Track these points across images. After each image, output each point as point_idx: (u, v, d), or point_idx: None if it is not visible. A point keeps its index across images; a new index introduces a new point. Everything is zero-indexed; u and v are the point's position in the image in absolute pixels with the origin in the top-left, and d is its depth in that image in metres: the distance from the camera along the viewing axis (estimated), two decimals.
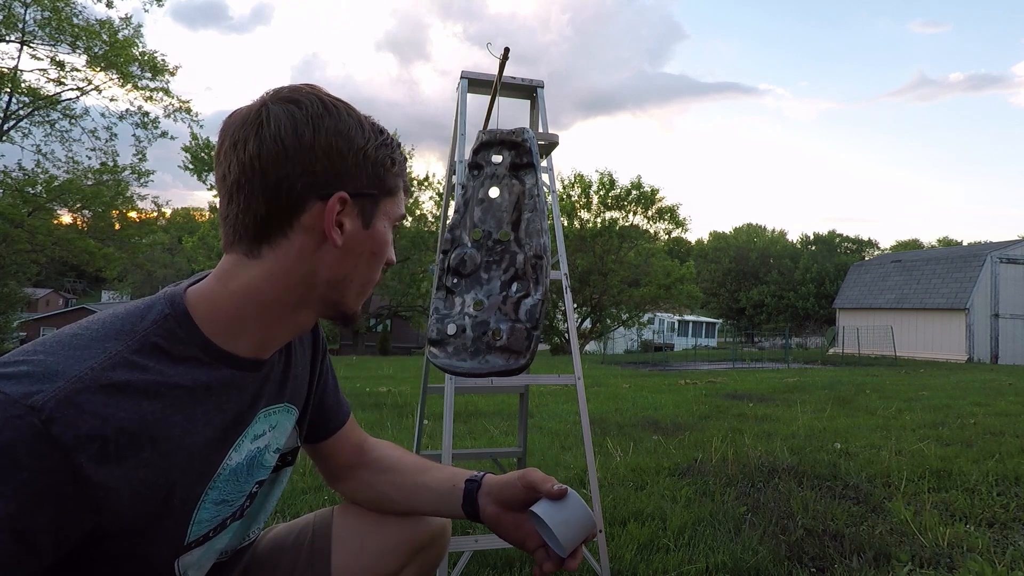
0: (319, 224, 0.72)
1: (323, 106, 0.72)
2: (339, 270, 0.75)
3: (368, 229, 0.76)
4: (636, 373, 12.37)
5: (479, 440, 4.26)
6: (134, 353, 0.66)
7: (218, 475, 0.74)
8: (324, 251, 0.73)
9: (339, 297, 0.78)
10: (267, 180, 0.69)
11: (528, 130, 1.63)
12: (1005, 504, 2.68)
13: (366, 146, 0.74)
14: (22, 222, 16.11)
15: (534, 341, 1.39)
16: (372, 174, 0.75)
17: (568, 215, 26.90)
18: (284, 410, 0.85)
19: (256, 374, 0.78)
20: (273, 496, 0.90)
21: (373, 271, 0.80)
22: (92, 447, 0.59)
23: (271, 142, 0.69)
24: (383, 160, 0.76)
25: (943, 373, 11.61)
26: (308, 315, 0.78)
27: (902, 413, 5.59)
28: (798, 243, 57.39)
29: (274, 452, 0.84)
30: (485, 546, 1.88)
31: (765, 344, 35.43)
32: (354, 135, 0.73)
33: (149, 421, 0.64)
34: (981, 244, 21.68)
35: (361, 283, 0.79)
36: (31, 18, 15.83)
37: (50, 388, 0.58)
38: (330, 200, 0.71)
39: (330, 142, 0.71)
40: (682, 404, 6.35)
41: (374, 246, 0.78)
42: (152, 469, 0.65)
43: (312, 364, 0.94)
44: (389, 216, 0.79)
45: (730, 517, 2.49)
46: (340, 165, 0.72)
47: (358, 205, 0.74)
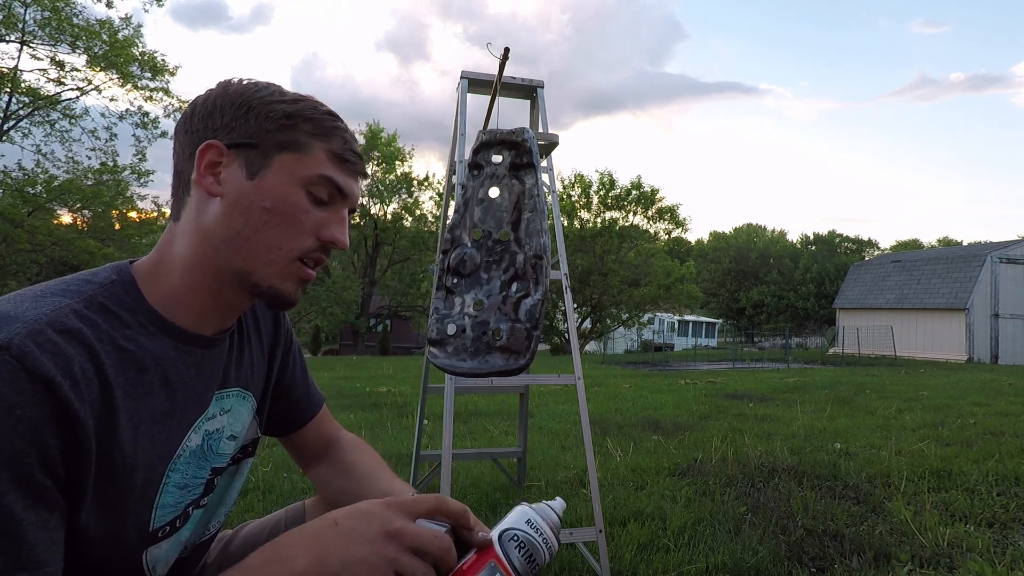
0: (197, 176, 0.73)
1: (226, 81, 0.75)
2: (228, 226, 0.71)
3: (253, 180, 0.72)
4: (636, 373, 12.37)
5: (479, 440, 4.26)
6: (83, 307, 0.64)
7: (178, 456, 0.72)
8: (211, 205, 0.72)
9: (242, 264, 0.72)
10: (176, 144, 0.75)
11: (528, 130, 1.63)
12: (1005, 504, 2.68)
13: (252, 99, 0.73)
14: (22, 222, 16.11)
15: (534, 341, 1.39)
16: (255, 125, 0.72)
17: (568, 215, 26.89)
18: (238, 395, 0.83)
19: (208, 351, 0.76)
20: (234, 488, 0.88)
21: (277, 232, 0.72)
22: (66, 382, 0.57)
23: (189, 107, 0.75)
24: (272, 112, 0.73)
25: (943, 373, 11.61)
26: (230, 293, 0.75)
27: (902, 413, 5.58)
28: (798, 243, 57.37)
29: (229, 439, 0.82)
30: None
31: (765, 344, 35.42)
32: (245, 94, 0.74)
33: (106, 375, 0.62)
34: (981, 244, 21.68)
35: (265, 245, 0.72)
36: (31, 18, 15.83)
37: (9, 328, 0.56)
38: (199, 147, 0.72)
39: (215, 103, 0.73)
40: (682, 404, 6.35)
41: (264, 200, 0.71)
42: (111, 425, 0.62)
43: (271, 354, 0.93)
44: (291, 172, 0.73)
45: (730, 517, 2.49)
46: (220, 119, 0.73)
47: (241, 156, 0.72)
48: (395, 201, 29.79)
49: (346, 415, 5.48)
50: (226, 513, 0.90)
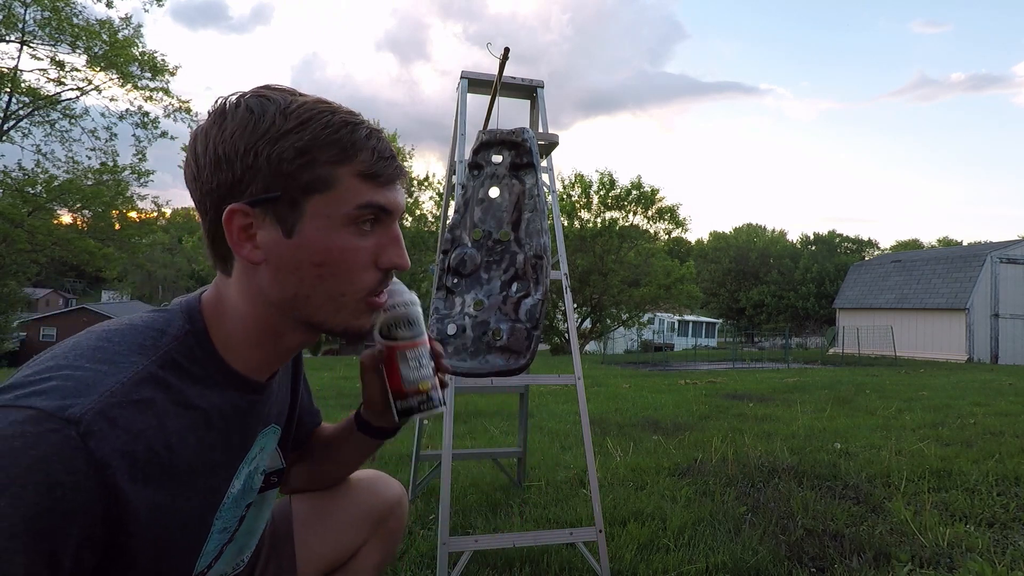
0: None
1: (220, 114, 0.66)
2: (284, 289, 0.68)
3: (292, 237, 0.66)
4: (636, 373, 12.37)
5: (479, 440, 4.26)
6: (158, 368, 0.63)
7: (223, 503, 0.72)
8: (259, 270, 0.68)
9: (308, 317, 0.70)
10: (193, 196, 0.69)
11: (528, 130, 1.63)
12: (1005, 504, 2.68)
13: (258, 143, 0.64)
14: (22, 222, 16.11)
15: (534, 341, 1.39)
16: (271, 173, 0.65)
17: (568, 215, 26.89)
18: (272, 431, 0.83)
19: (259, 397, 0.76)
20: (261, 519, 0.88)
21: (335, 283, 0.68)
22: (124, 463, 0.57)
23: (186, 167, 0.69)
24: (281, 154, 0.64)
25: (943, 373, 11.61)
26: (297, 337, 0.73)
27: (902, 413, 5.58)
28: (798, 243, 57.40)
29: (261, 474, 0.83)
30: (485, 546, 1.88)
31: (765, 344, 35.43)
32: (245, 133, 0.65)
33: (172, 442, 0.62)
34: (981, 244, 21.68)
35: (328, 298, 0.68)
36: (31, 18, 15.84)
37: (85, 401, 0.55)
38: (223, 216, 0.65)
39: (217, 153, 0.65)
40: (682, 404, 6.35)
41: (312, 255, 0.66)
42: (170, 492, 0.63)
43: (293, 384, 0.93)
44: (328, 215, 0.66)
45: (730, 517, 2.49)
46: (231, 174, 0.65)
47: (268, 212, 0.66)
48: None
49: (346, 415, 5.47)
50: (251, 549, 0.89)
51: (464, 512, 2.55)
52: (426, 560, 2.06)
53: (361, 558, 1.06)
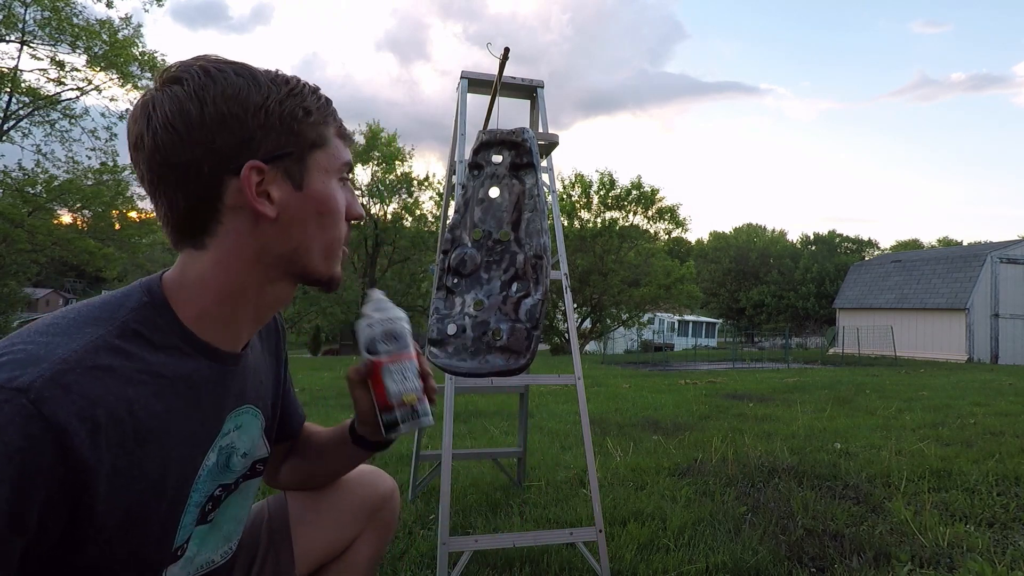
0: (244, 201, 0.68)
1: (205, 75, 0.67)
2: (289, 242, 0.71)
3: (302, 191, 0.71)
4: (636, 373, 12.37)
5: (479, 440, 4.26)
6: (116, 338, 0.64)
7: (199, 476, 0.73)
8: (264, 227, 0.70)
9: (304, 267, 0.74)
10: (176, 172, 0.66)
11: (528, 130, 1.63)
12: (1005, 504, 2.68)
13: (266, 103, 0.68)
14: (22, 222, 16.11)
15: (534, 341, 1.39)
16: (283, 131, 0.69)
17: (568, 215, 26.89)
18: (249, 412, 0.83)
19: (233, 368, 0.76)
20: (243, 507, 0.88)
21: (330, 231, 0.75)
22: (84, 428, 0.57)
23: (162, 131, 0.65)
24: (292, 112, 0.70)
25: (943, 373, 11.61)
26: (282, 288, 0.76)
27: (902, 413, 5.58)
28: (798, 243, 57.40)
29: (242, 456, 0.82)
30: (485, 546, 1.88)
31: (765, 344, 35.42)
32: (247, 95, 0.67)
33: (134, 408, 0.62)
34: (981, 244, 21.68)
35: (323, 246, 0.74)
36: (31, 18, 15.83)
37: (35, 371, 0.56)
38: (243, 173, 0.67)
39: (221, 111, 0.66)
40: (682, 404, 6.35)
41: (318, 206, 0.72)
42: (140, 459, 0.63)
43: (276, 373, 0.93)
44: (327, 169, 0.74)
45: (730, 517, 2.49)
46: (241, 132, 0.67)
47: (280, 168, 0.69)
48: (395, 201, 29.82)
49: (346, 415, 5.46)
50: (236, 536, 0.89)
51: (464, 512, 2.55)
52: (426, 560, 2.06)
53: (355, 550, 1.07)
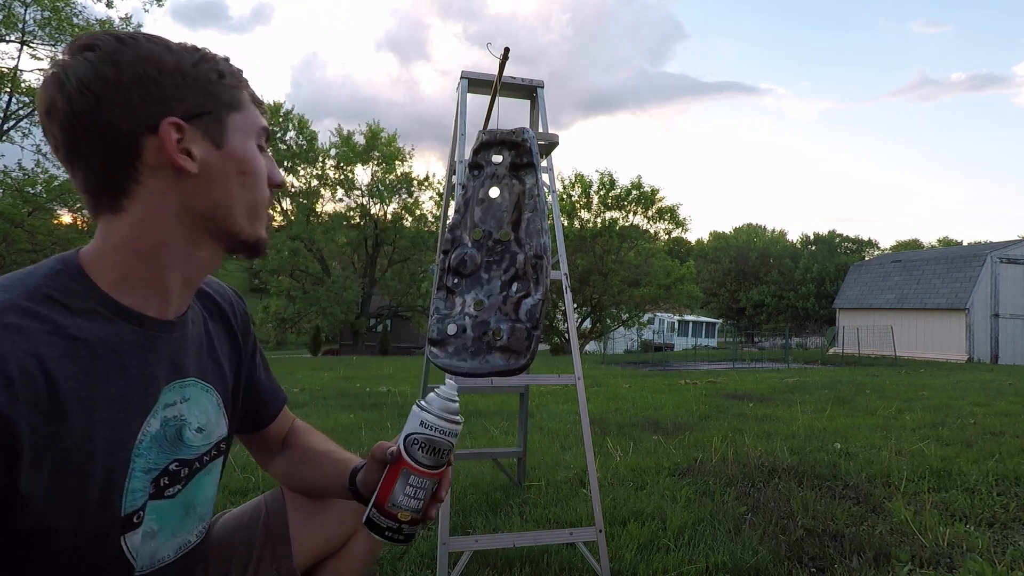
0: (164, 158, 0.69)
1: (118, 42, 0.69)
2: (211, 198, 0.73)
3: (222, 149, 0.73)
4: (636, 373, 12.37)
5: (479, 440, 4.26)
6: (26, 301, 0.64)
7: (140, 441, 0.72)
8: (185, 184, 0.71)
9: (228, 227, 0.76)
10: (92, 134, 0.67)
11: (528, 130, 1.63)
12: (1005, 504, 2.68)
13: (180, 65, 0.71)
14: (22, 222, 16.11)
15: (534, 341, 1.39)
16: (199, 91, 0.72)
17: (568, 215, 26.88)
18: (198, 386, 0.83)
19: (164, 336, 0.76)
20: (209, 487, 0.88)
21: (252, 191, 0.77)
22: (15, 385, 0.57)
23: (77, 95, 0.66)
24: (206, 74, 0.73)
25: (943, 373, 11.61)
26: (208, 252, 0.77)
27: (902, 413, 5.58)
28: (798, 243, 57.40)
29: (197, 431, 0.82)
30: (485, 546, 1.88)
31: (765, 344, 35.42)
32: (161, 57, 0.70)
33: (48, 368, 0.62)
34: (981, 244, 21.67)
35: (247, 207, 0.76)
36: (31, 18, 15.84)
37: None
38: (161, 129, 0.69)
39: (136, 72, 0.68)
40: (682, 404, 6.35)
41: (239, 165, 0.75)
42: (60, 421, 0.63)
43: (236, 355, 0.94)
44: (245, 131, 0.76)
45: (730, 517, 2.49)
46: (157, 91, 0.69)
47: (199, 127, 0.72)
48: (395, 201, 29.82)
49: (346, 415, 5.49)
50: (208, 516, 0.89)
51: (464, 512, 2.55)
52: (426, 560, 2.06)
53: (352, 546, 1.08)
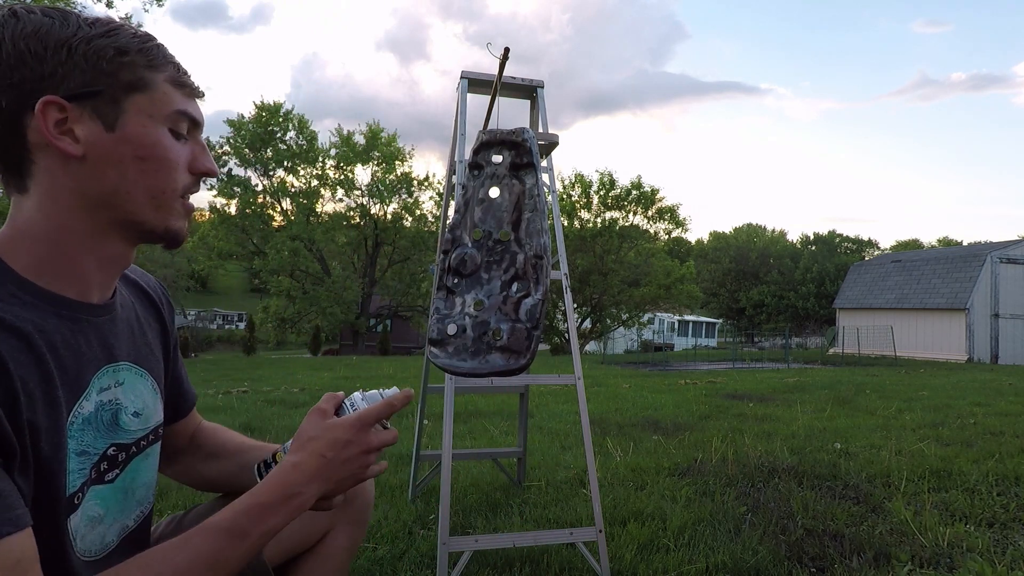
0: (45, 139, 0.66)
1: (12, 16, 0.66)
2: (103, 183, 0.70)
3: (114, 131, 0.69)
4: (636, 373, 12.37)
5: (479, 440, 4.26)
6: None
7: (71, 423, 0.71)
8: (74, 167, 0.68)
9: (129, 214, 0.72)
10: None
11: (528, 130, 1.63)
12: (1005, 504, 2.68)
13: (70, 40, 0.67)
14: None
15: (534, 341, 1.39)
16: (90, 69, 0.67)
17: (568, 215, 26.89)
18: (132, 371, 0.82)
19: (91, 319, 0.75)
20: (144, 470, 0.87)
21: (154, 177, 0.72)
22: None
23: None
24: (101, 51, 0.68)
25: (943, 373, 11.61)
26: (115, 244, 0.74)
27: (902, 413, 5.59)
28: (798, 243, 57.43)
29: (134, 415, 0.81)
30: (485, 546, 1.88)
31: (765, 344, 35.42)
32: (50, 32, 0.66)
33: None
34: (981, 244, 21.68)
35: (148, 194, 0.72)
36: None
37: None
38: (36, 107, 0.65)
39: (20, 47, 0.65)
40: (682, 404, 6.35)
41: (135, 149, 0.70)
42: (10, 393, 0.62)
43: (165, 341, 0.94)
44: (150, 114, 0.71)
45: (730, 517, 2.49)
46: (39, 68, 0.65)
47: (87, 107, 0.68)
48: (395, 201, 29.81)
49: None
50: (149, 501, 0.88)
51: (464, 512, 2.55)
52: (426, 560, 2.06)
53: (330, 541, 1.07)
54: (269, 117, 27.62)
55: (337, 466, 0.78)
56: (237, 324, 56.94)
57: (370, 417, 0.82)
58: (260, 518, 0.72)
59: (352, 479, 0.81)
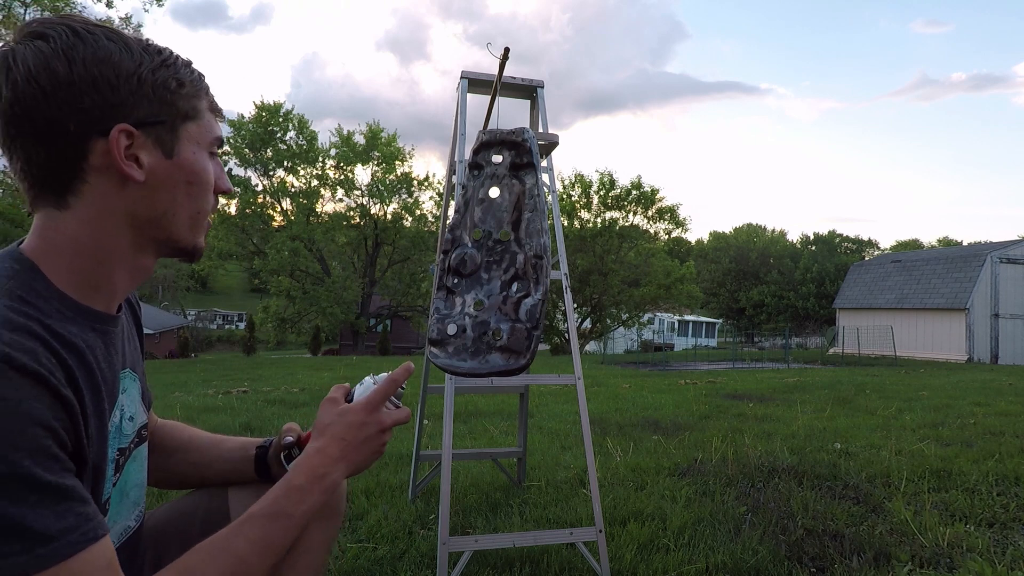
0: (111, 163, 0.68)
1: (74, 35, 0.66)
2: (155, 206, 0.73)
3: (172, 159, 0.73)
4: (636, 373, 12.37)
5: (479, 440, 4.26)
6: (15, 302, 0.64)
7: (110, 432, 0.74)
8: (131, 190, 0.70)
9: (168, 234, 0.75)
10: (35, 126, 0.65)
11: (528, 130, 1.63)
12: (1005, 504, 2.68)
13: (139, 70, 0.69)
14: (22, 222, 16.12)
15: (534, 341, 1.39)
16: (155, 99, 0.71)
17: (568, 215, 26.89)
18: (129, 376, 0.84)
19: (113, 330, 0.77)
20: (135, 472, 0.88)
21: (198, 201, 0.77)
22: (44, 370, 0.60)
23: (24, 84, 0.64)
24: (165, 82, 0.71)
25: (943, 373, 11.61)
26: (147, 258, 0.77)
27: (902, 413, 5.59)
28: (798, 243, 57.44)
29: (129, 420, 0.83)
30: (485, 546, 1.88)
31: (765, 344, 35.43)
32: (120, 60, 0.68)
33: (61, 357, 0.64)
34: (981, 244, 21.67)
35: (189, 215, 0.76)
36: (31, 18, 15.84)
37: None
38: (111, 135, 0.67)
39: (92, 72, 0.66)
40: (682, 404, 6.35)
41: (187, 175, 0.74)
42: (82, 405, 0.65)
43: (140, 342, 0.95)
44: (198, 141, 0.76)
45: (730, 517, 2.49)
46: (112, 96, 0.67)
47: (151, 135, 0.71)
48: (395, 201, 29.81)
49: None
50: (143, 500, 0.91)
51: (464, 512, 2.55)
52: (426, 560, 2.06)
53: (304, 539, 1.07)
54: (269, 117, 27.63)
55: (357, 446, 0.85)
56: (237, 324, 56.95)
57: (378, 396, 0.88)
58: (298, 500, 0.78)
59: (373, 455, 0.87)
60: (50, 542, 0.56)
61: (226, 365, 15.71)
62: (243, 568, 0.72)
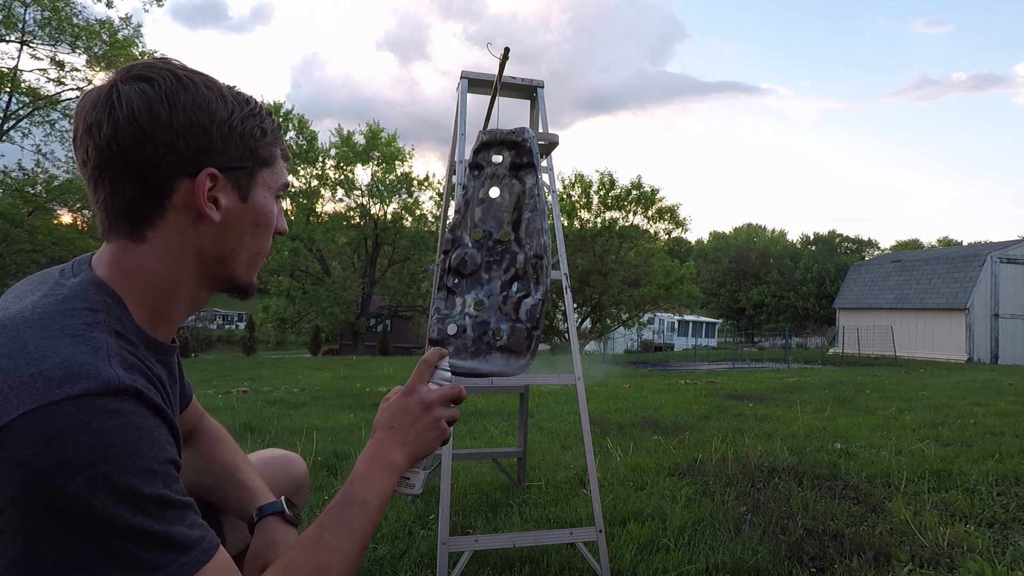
0: (192, 202, 0.72)
1: (177, 81, 0.70)
2: (224, 245, 0.77)
3: (247, 202, 0.77)
4: (636, 373, 12.37)
5: (479, 440, 4.26)
6: (113, 337, 0.67)
7: None
8: (204, 228, 0.74)
9: (229, 272, 0.79)
10: (129, 163, 0.68)
11: (528, 130, 1.63)
12: (1005, 504, 2.68)
13: (231, 118, 0.73)
14: (22, 222, 16.12)
15: (534, 341, 1.39)
16: (242, 146, 0.75)
17: (568, 215, 26.87)
18: None
19: (173, 361, 0.81)
20: None
21: (260, 242, 0.81)
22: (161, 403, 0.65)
23: (125, 124, 0.68)
24: (252, 131, 0.76)
25: (943, 373, 11.61)
26: (205, 292, 0.81)
27: (902, 413, 5.59)
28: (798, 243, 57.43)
29: None
30: (485, 546, 1.88)
31: (765, 344, 35.42)
32: (215, 108, 0.72)
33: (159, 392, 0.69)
34: (981, 244, 21.67)
35: (250, 255, 0.80)
36: (31, 18, 15.85)
37: (110, 373, 0.61)
38: (199, 177, 0.71)
39: (190, 118, 0.70)
40: (682, 404, 6.35)
41: (256, 218, 0.78)
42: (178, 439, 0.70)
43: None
44: (269, 186, 0.80)
45: (730, 517, 2.49)
46: (204, 141, 0.71)
47: (231, 179, 0.75)
48: (395, 201, 29.78)
49: (346, 415, 5.48)
50: None
51: (464, 512, 2.55)
52: (426, 560, 2.06)
53: None
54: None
55: (407, 429, 0.87)
56: (237, 324, 56.93)
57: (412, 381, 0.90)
58: (363, 485, 0.82)
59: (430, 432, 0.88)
60: (190, 551, 0.62)
61: (226, 365, 15.71)
62: (339, 556, 0.76)
